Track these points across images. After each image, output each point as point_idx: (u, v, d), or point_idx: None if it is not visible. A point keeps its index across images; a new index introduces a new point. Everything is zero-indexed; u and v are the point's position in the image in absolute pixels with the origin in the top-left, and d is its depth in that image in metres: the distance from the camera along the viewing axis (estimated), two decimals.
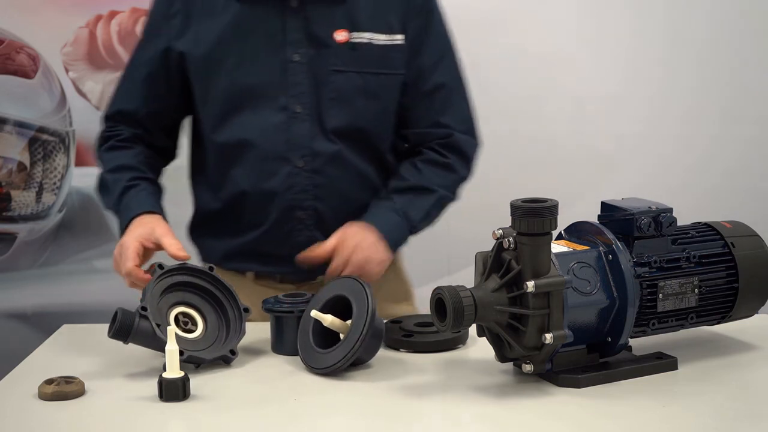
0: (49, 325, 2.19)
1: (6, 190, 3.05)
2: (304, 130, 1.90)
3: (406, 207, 1.93)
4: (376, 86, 1.92)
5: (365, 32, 1.91)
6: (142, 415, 1.49)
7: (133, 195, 1.89)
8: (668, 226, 1.61)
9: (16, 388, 1.61)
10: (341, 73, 1.90)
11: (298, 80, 1.89)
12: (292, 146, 1.90)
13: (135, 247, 1.76)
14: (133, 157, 1.96)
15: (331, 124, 1.91)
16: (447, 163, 1.98)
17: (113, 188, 1.91)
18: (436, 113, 1.98)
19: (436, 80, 1.97)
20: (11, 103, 3.04)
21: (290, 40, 1.89)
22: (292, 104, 1.89)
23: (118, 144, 1.97)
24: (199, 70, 1.92)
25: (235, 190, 1.94)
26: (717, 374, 1.61)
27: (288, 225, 1.93)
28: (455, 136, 1.99)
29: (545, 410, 1.47)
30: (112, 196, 1.91)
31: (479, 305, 1.49)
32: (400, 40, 1.93)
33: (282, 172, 1.90)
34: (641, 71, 3.05)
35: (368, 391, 1.57)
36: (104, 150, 1.99)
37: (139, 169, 1.94)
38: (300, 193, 1.91)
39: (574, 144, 3.06)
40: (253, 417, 1.49)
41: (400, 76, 1.95)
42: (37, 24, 3.00)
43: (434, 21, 1.97)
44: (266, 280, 1.99)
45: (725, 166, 3.06)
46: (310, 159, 1.91)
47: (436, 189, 1.96)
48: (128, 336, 1.64)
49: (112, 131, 1.99)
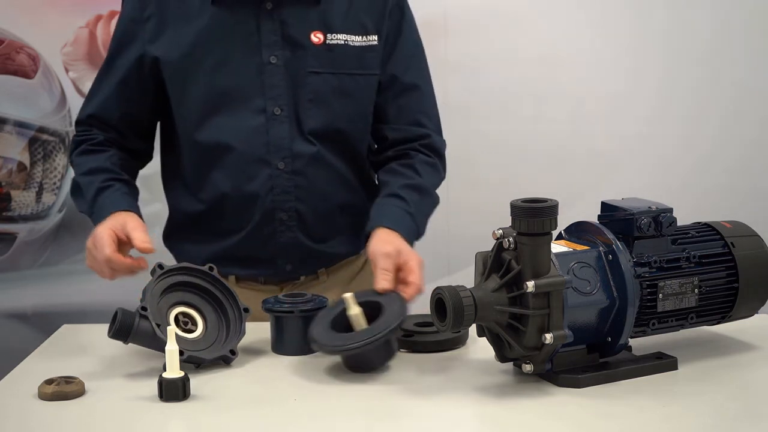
0: (49, 325, 2.19)
1: (6, 190, 3.05)
2: (283, 132, 1.90)
3: (416, 211, 1.90)
4: (352, 87, 1.93)
5: (340, 34, 1.91)
6: (142, 415, 1.49)
7: (107, 195, 1.88)
8: (668, 226, 1.61)
9: (16, 388, 1.61)
10: (318, 75, 1.91)
11: (275, 82, 1.89)
12: (271, 149, 1.90)
13: (109, 234, 1.75)
14: (107, 159, 1.94)
15: (309, 125, 1.91)
16: (435, 164, 2.00)
17: (87, 190, 1.90)
18: (413, 112, 1.99)
19: (409, 80, 1.98)
20: (11, 103, 3.04)
21: (266, 42, 1.89)
22: (270, 106, 1.89)
23: (91, 148, 1.96)
24: (175, 74, 1.90)
25: (216, 193, 1.93)
26: (717, 374, 1.61)
27: (270, 227, 1.93)
28: (433, 138, 2.01)
29: (545, 410, 1.47)
30: (86, 198, 1.90)
31: (479, 305, 1.49)
32: (375, 41, 1.94)
33: (262, 174, 1.90)
34: (642, 71, 3.05)
35: (368, 391, 1.57)
36: (77, 154, 1.97)
37: (113, 171, 1.92)
38: (281, 195, 1.91)
39: (574, 144, 3.06)
40: (253, 417, 1.49)
41: (376, 77, 1.96)
42: (37, 24, 3.00)
43: (405, 22, 1.99)
44: (249, 282, 1.99)
45: (725, 167, 3.06)
46: (290, 161, 1.91)
47: (433, 192, 1.99)
48: (128, 336, 1.64)
49: (84, 135, 1.98)
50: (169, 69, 1.90)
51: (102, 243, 1.74)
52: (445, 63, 2.89)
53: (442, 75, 2.30)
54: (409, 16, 2.00)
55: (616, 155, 3.06)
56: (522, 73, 3.02)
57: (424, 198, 1.95)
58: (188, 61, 1.89)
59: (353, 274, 2.05)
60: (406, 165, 1.97)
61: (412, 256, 1.75)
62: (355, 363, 1.64)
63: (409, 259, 1.73)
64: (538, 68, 3.02)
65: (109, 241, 1.74)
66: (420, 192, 1.94)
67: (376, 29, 1.94)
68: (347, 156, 1.97)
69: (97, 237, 1.76)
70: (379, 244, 1.77)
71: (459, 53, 2.98)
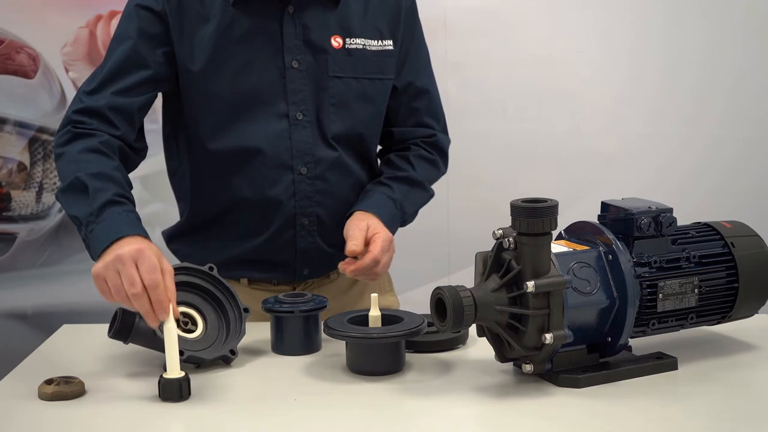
0: (49, 325, 2.20)
1: (6, 190, 3.06)
2: (306, 137, 1.90)
3: (403, 199, 1.94)
4: (372, 91, 1.94)
5: (358, 38, 1.92)
6: (142, 415, 1.49)
7: (122, 213, 1.66)
8: (668, 226, 1.61)
9: (16, 388, 1.61)
10: (340, 79, 1.91)
11: (298, 87, 1.88)
12: (295, 153, 1.89)
13: (160, 259, 1.58)
14: (116, 169, 1.75)
15: (332, 130, 1.91)
16: (434, 160, 2.04)
17: (95, 195, 1.67)
18: (420, 115, 2.03)
19: (420, 85, 2.02)
20: (11, 103, 3.04)
21: (288, 46, 1.87)
22: (292, 111, 1.89)
23: (99, 147, 1.77)
24: (195, 79, 1.86)
25: (235, 198, 1.90)
26: (717, 374, 1.61)
27: (290, 232, 1.92)
28: (438, 136, 2.05)
29: (545, 410, 1.47)
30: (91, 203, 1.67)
31: (479, 305, 1.49)
32: (390, 46, 1.95)
33: (285, 179, 1.89)
34: (642, 72, 3.05)
35: (368, 390, 1.57)
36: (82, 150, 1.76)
37: (124, 187, 1.73)
38: (303, 200, 1.91)
39: (574, 144, 3.06)
40: (253, 417, 1.49)
41: (391, 81, 1.97)
42: (37, 24, 3.01)
43: (417, 29, 2.02)
44: (261, 284, 1.99)
45: (725, 167, 3.07)
46: (312, 166, 1.90)
47: (427, 186, 2.02)
48: (128, 336, 1.64)
49: (85, 128, 1.80)
50: (189, 73, 1.86)
51: (153, 265, 1.55)
52: (445, 63, 2.90)
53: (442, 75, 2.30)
54: (419, 23, 2.02)
55: (616, 155, 3.07)
56: (522, 73, 3.03)
57: (414, 188, 1.98)
58: (210, 65, 1.85)
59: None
60: (402, 157, 2.00)
61: (381, 231, 1.81)
62: (360, 365, 1.65)
63: (377, 233, 1.80)
64: (538, 68, 3.02)
65: (166, 265, 1.58)
66: (410, 183, 1.97)
67: (392, 34, 1.95)
68: (363, 160, 1.98)
69: (145, 256, 1.56)
70: (352, 221, 1.84)
71: (459, 53, 2.98)
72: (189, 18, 1.85)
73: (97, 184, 1.69)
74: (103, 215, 1.65)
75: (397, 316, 1.70)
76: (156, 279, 1.54)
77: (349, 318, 1.69)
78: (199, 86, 1.87)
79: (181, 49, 1.86)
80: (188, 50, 1.86)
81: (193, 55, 1.85)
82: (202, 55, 1.85)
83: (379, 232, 1.81)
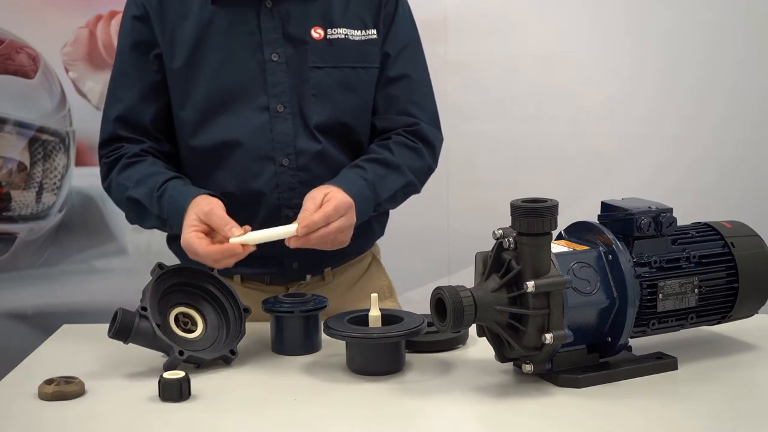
0: (49, 325, 2.19)
1: (6, 190, 3.05)
2: (287, 128, 1.90)
3: (377, 180, 1.88)
4: (354, 80, 1.93)
5: (340, 28, 1.92)
6: (142, 415, 1.49)
7: (169, 196, 1.82)
8: (668, 226, 1.61)
9: (16, 388, 1.61)
10: (320, 69, 1.91)
11: (278, 79, 1.89)
12: (276, 145, 1.90)
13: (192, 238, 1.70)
14: (152, 165, 1.89)
15: (314, 120, 1.91)
16: (416, 148, 1.96)
17: (148, 202, 1.84)
18: (402, 102, 1.98)
19: (399, 69, 1.97)
20: (11, 103, 3.03)
21: (267, 39, 1.89)
22: (273, 104, 1.89)
23: (129, 161, 1.89)
24: (177, 75, 1.90)
25: (219, 193, 1.89)
26: (717, 374, 1.61)
27: (275, 224, 1.92)
28: (421, 125, 1.98)
29: (545, 410, 1.47)
30: (151, 209, 1.84)
31: (479, 305, 1.49)
32: (374, 35, 1.95)
33: (267, 171, 1.90)
34: (641, 72, 3.05)
35: (368, 391, 1.57)
36: (118, 172, 1.90)
37: (163, 172, 1.87)
38: (286, 192, 1.91)
39: (574, 144, 3.06)
40: (253, 417, 1.49)
41: (376, 70, 1.96)
42: (37, 24, 3.00)
43: (398, 15, 1.98)
44: (254, 282, 1.98)
45: (725, 166, 3.06)
46: (294, 157, 1.91)
47: (406, 171, 1.93)
48: (128, 336, 1.64)
49: (115, 153, 1.92)
50: (171, 70, 1.90)
51: (193, 248, 1.70)
52: (445, 63, 2.89)
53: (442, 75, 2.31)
54: (402, 9, 2.00)
55: (616, 155, 3.06)
56: (522, 73, 3.02)
57: (391, 172, 1.90)
58: (190, 61, 1.88)
59: (359, 275, 2.05)
60: (382, 145, 1.95)
61: (339, 195, 1.75)
62: (360, 365, 1.64)
63: (331, 198, 1.74)
64: (538, 68, 3.02)
65: (198, 242, 1.69)
66: (385, 165, 1.90)
67: (374, 23, 1.95)
68: (351, 151, 1.96)
69: (185, 247, 1.72)
70: (309, 193, 1.78)
71: (459, 53, 2.98)
72: (170, 17, 1.89)
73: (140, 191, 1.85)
74: (164, 212, 1.82)
75: (397, 316, 1.70)
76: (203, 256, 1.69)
77: (349, 318, 1.69)
78: (181, 83, 1.90)
79: (164, 48, 1.90)
80: (170, 48, 1.89)
81: (174, 53, 1.89)
82: (182, 53, 1.89)
83: (333, 199, 1.74)
